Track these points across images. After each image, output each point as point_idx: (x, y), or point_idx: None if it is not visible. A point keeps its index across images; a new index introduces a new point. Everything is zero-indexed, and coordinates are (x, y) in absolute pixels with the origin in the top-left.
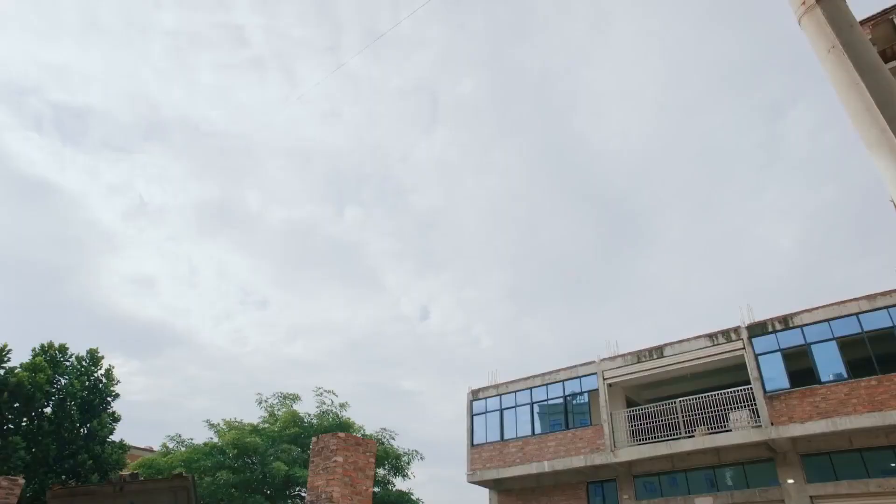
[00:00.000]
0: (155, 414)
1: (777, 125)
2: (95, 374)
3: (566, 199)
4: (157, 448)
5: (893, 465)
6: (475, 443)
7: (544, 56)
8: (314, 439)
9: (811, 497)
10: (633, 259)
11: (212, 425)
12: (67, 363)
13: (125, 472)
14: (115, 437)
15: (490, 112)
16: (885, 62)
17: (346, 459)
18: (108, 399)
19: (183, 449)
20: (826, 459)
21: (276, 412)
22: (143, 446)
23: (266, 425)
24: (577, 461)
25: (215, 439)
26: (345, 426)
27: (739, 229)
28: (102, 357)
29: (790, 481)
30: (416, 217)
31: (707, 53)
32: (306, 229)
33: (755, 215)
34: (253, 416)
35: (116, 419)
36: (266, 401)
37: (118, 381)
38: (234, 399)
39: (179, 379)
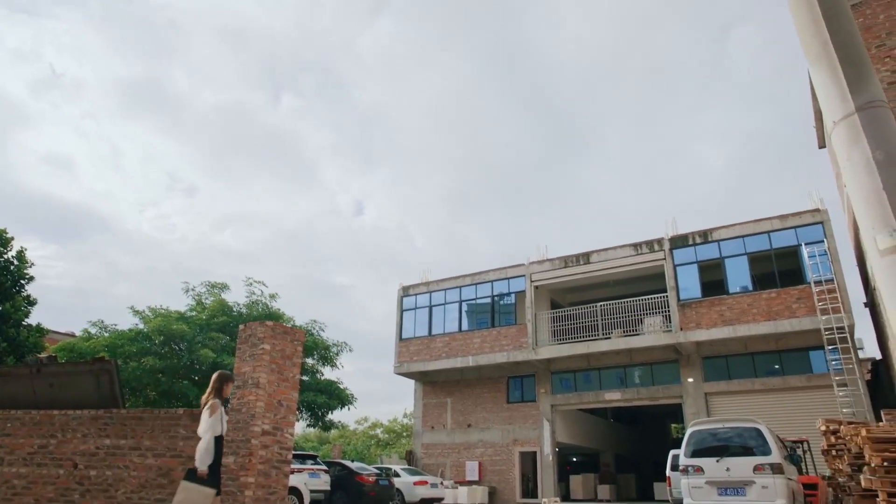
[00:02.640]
0: (75, 300)
1: (724, 45)
2: (5, 256)
3: (512, 106)
4: (78, 333)
5: (777, 366)
6: (403, 337)
7: None
8: (242, 327)
9: (706, 393)
10: (573, 169)
11: (136, 312)
12: None
13: (43, 356)
14: (31, 321)
15: (439, 7)
16: None
17: (273, 347)
18: (22, 282)
19: (106, 335)
20: (723, 361)
21: (203, 301)
22: (63, 331)
23: (193, 313)
24: (500, 357)
25: (140, 326)
26: (274, 316)
27: (677, 146)
28: (12, 238)
29: (690, 380)
30: (357, 111)
31: None
32: (239, 115)
33: (693, 134)
34: (180, 304)
35: (32, 303)
36: (193, 289)
37: (32, 263)
38: (159, 287)
39: (101, 265)
